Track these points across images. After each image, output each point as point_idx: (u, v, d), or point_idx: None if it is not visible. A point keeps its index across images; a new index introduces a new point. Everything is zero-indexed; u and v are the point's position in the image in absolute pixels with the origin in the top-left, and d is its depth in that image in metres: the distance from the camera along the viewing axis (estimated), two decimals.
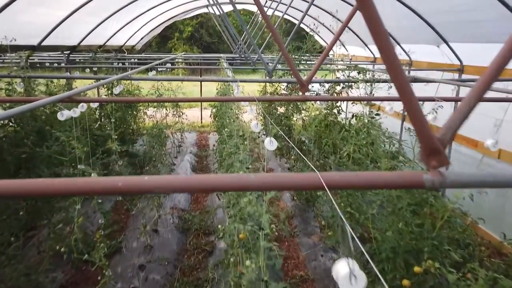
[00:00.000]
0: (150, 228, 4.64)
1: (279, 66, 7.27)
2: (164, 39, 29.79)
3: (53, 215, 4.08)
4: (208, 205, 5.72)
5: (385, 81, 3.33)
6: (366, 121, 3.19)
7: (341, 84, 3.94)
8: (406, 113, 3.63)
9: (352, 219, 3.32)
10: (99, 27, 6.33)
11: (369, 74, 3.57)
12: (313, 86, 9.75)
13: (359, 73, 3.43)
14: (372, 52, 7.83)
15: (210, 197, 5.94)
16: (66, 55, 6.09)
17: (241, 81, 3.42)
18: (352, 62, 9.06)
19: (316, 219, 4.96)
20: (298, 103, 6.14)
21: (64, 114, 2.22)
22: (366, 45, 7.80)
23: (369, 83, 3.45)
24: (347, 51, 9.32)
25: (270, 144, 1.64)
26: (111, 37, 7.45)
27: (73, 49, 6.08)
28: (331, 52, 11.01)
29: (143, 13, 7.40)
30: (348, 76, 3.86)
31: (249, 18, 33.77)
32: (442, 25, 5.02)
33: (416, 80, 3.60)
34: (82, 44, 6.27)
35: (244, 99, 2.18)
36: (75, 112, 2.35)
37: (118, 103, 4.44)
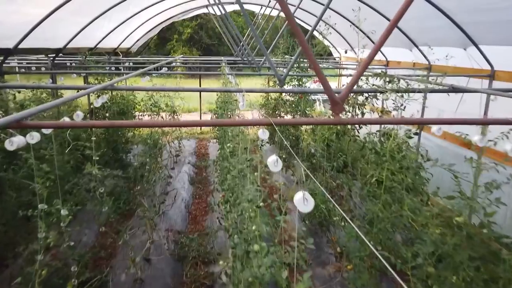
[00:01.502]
0: (141, 257, 4.06)
1: (284, 71, 6.70)
2: (163, 40, 29.27)
3: (28, 245, 3.50)
4: (208, 225, 5.15)
5: (434, 90, 2.77)
6: (400, 141, 2.62)
7: (364, 94, 3.37)
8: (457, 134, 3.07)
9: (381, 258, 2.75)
10: (89, 28, 5.77)
11: (399, 81, 3.01)
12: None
13: (389, 81, 2.87)
14: (384, 55, 7.27)
15: (210, 217, 5.37)
16: (51, 59, 5.52)
17: (248, 91, 2.86)
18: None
19: (330, 245, 4.39)
20: (307, 111, 5.58)
21: (14, 142, 1.65)
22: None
23: (400, 93, 2.89)
24: (355, 53, 8.76)
25: (305, 202, 1.07)
26: (103, 39, 6.89)
27: (59, 52, 5.51)
28: (336, 55, 10.46)
29: (137, 13, 6.84)
30: (373, 85, 3.29)
31: (249, 19, 33.46)
32: (471, 25, 4.47)
33: (455, 89, 3.03)
34: (69, 46, 5.70)
35: (257, 122, 1.61)
36: (33, 137, 1.78)
37: (96, 127, 3.80)
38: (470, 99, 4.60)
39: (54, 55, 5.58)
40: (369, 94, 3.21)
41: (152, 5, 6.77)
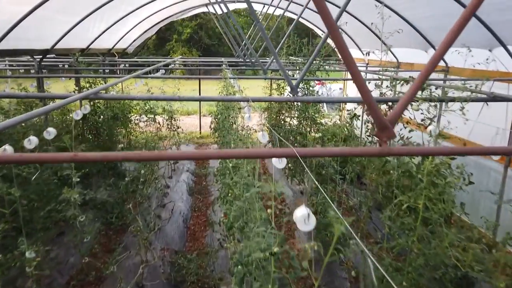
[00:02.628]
0: (133, 284, 3.62)
1: (292, 74, 6.30)
2: (162, 41, 28.87)
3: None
4: (208, 243, 4.72)
5: (474, 99, 2.35)
6: (438, 161, 2.19)
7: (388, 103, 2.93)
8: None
9: None
10: (80, 27, 5.34)
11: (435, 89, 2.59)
12: (317, 92, 8.83)
13: (423, 90, 2.44)
14: (395, 57, 6.84)
15: (210, 232, 4.93)
16: (38, 61, 5.08)
17: (255, 100, 2.43)
18: (370, 68, 8.09)
19: (344, 268, 3.95)
20: (315, 117, 5.15)
21: None
22: (389, 48, 6.81)
23: (434, 103, 2.47)
24: (363, 54, 8.33)
25: None
26: (96, 39, 6.46)
27: (46, 53, 5.08)
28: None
29: (131, 12, 6.41)
30: (399, 93, 2.86)
31: (249, 19, 32.87)
32: (499, 24, 4.04)
33: (496, 98, 2.61)
34: (58, 47, 5.27)
35: (278, 153, 1.19)
36: None
37: (42, 163, 3.12)
38: (493, 104, 4.18)
39: (41, 56, 5.14)
40: (394, 103, 2.78)
41: (146, 4, 6.34)
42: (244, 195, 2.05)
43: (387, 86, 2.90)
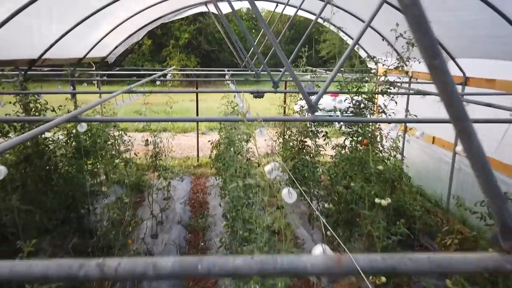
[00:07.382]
0: None
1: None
2: (158, 46, 27.13)
3: None
4: None
5: None
6: None
7: None
8: None
9: None
10: (13, 29, 3.57)
11: None
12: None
13: None
14: (461, 69, 5.05)
15: None
16: None
17: None
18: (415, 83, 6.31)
19: None
20: (383, 172, 3.31)
21: None
22: (453, 58, 5.03)
23: None
24: (405, 65, 6.53)
25: None
26: (53, 46, 4.67)
27: None
28: (373, 66, 8.23)
29: (101, 9, 4.63)
30: None
31: (251, 24, 31.13)
32: None
33: None
34: None
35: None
36: None
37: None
38: None
39: None
40: None
41: None
42: None
43: None
